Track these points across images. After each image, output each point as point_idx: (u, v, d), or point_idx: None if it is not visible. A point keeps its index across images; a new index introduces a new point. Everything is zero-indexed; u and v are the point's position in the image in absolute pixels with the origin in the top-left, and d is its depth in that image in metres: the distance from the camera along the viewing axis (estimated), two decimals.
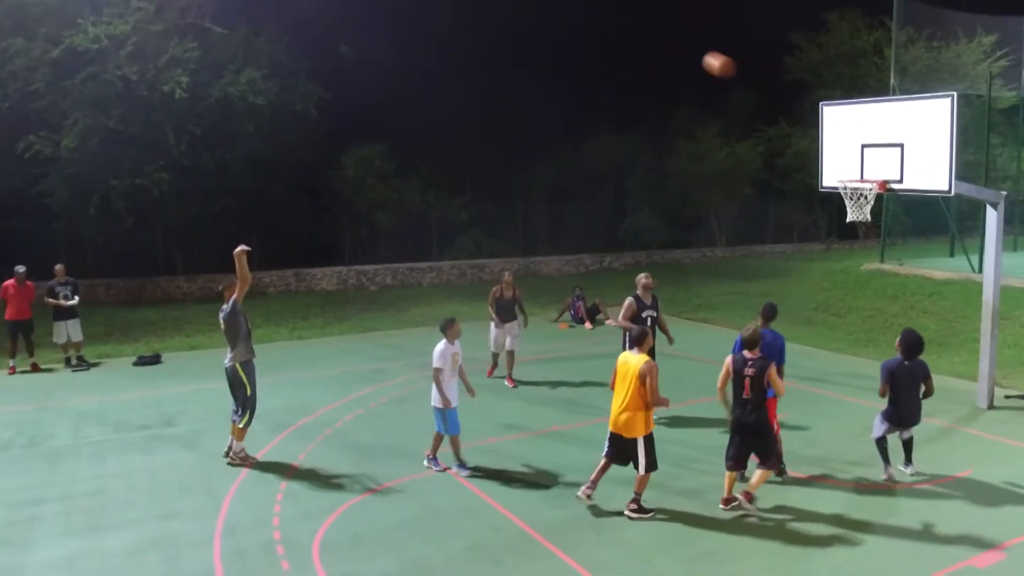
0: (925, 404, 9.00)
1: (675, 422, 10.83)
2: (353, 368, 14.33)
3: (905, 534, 7.52)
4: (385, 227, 25.60)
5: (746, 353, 8.05)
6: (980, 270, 15.18)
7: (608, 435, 8.08)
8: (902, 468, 8.98)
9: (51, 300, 14.42)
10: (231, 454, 9.50)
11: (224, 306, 9.38)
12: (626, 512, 7.90)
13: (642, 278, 10.74)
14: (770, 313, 9.16)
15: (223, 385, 12.54)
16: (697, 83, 32.74)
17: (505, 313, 13.04)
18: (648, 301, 10.65)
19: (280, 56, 23.42)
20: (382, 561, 7.15)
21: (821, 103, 11.05)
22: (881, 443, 8.91)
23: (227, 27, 21.41)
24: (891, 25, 23.13)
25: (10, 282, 14.22)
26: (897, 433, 8.95)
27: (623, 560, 7.12)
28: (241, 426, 9.41)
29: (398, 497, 8.54)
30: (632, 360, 7.93)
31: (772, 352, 8.43)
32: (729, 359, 8.16)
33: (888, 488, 8.55)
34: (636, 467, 7.93)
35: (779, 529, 7.67)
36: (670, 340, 11.17)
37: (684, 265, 27.84)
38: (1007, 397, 11.86)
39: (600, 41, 35.73)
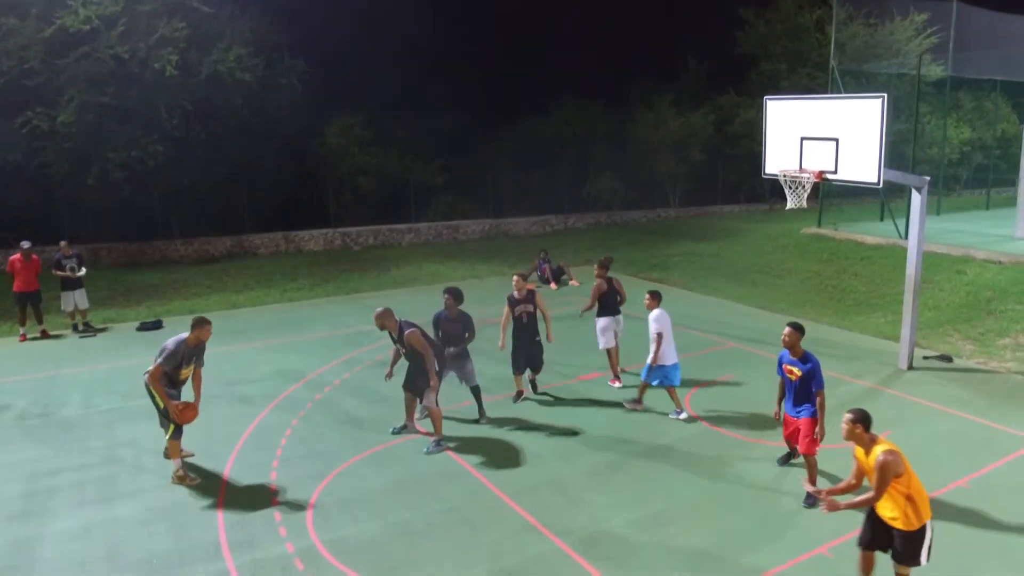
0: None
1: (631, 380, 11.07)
2: (339, 331, 14.37)
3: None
4: (366, 190, 25.42)
5: None
6: (905, 236, 15.40)
7: None
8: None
9: (59, 272, 14.29)
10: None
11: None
12: None
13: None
14: None
15: (221, 349, 12.55)
16: (653, 57, 32.61)
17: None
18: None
19: (265, 32, 22.86)
20: (369, 526, 7.31)
21: (765, 97, 11.03)
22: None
23: (214, 6, 20.79)
24: (832, 3, 23.02)
25: (16, 257, 14.01)
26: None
27: (583, 522, 7.35)
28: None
29: (382, 462, 8.69)
30: None
31: None
32: None
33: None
34: None
35: (718, 489, 7.94)
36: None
37: (641, 224, 27.96)
38: (925, 358, 12.20)
39: (565, 15, 35.28)
